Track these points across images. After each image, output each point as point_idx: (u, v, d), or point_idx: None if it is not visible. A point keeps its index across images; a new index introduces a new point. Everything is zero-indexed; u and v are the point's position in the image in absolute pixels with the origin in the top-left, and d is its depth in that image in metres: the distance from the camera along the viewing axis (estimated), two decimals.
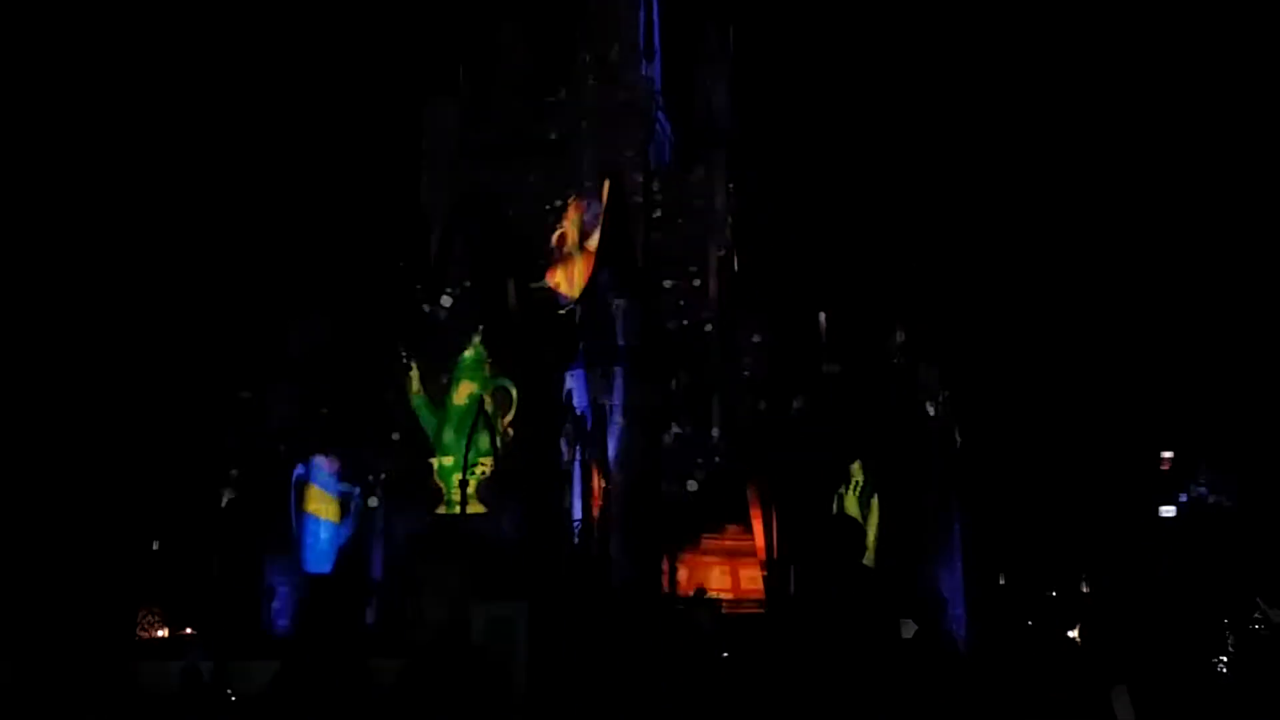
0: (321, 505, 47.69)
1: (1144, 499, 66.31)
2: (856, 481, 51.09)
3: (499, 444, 45.74)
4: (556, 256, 53.61)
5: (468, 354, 47.15)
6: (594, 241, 52.00)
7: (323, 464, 47.34)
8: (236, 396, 52.86)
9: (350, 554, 47.50)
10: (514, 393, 47.29)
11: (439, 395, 47.44)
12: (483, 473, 46.04)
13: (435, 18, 58.61)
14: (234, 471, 51.80)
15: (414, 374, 47.29)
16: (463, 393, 46.83)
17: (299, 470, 47.76)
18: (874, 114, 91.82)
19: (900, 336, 58.44)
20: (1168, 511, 62.89)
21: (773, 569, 47.86)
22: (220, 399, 53.79)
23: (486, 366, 47.14)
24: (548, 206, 54.38)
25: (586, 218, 52.95)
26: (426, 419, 47.22)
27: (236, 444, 52.33)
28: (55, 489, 58.44)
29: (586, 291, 50.37)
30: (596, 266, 50.70)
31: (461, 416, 46.39)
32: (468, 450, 44.81)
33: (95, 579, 51.12)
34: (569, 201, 53.58)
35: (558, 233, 53.92)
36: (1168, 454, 65.18)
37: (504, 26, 57.97)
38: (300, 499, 47.47)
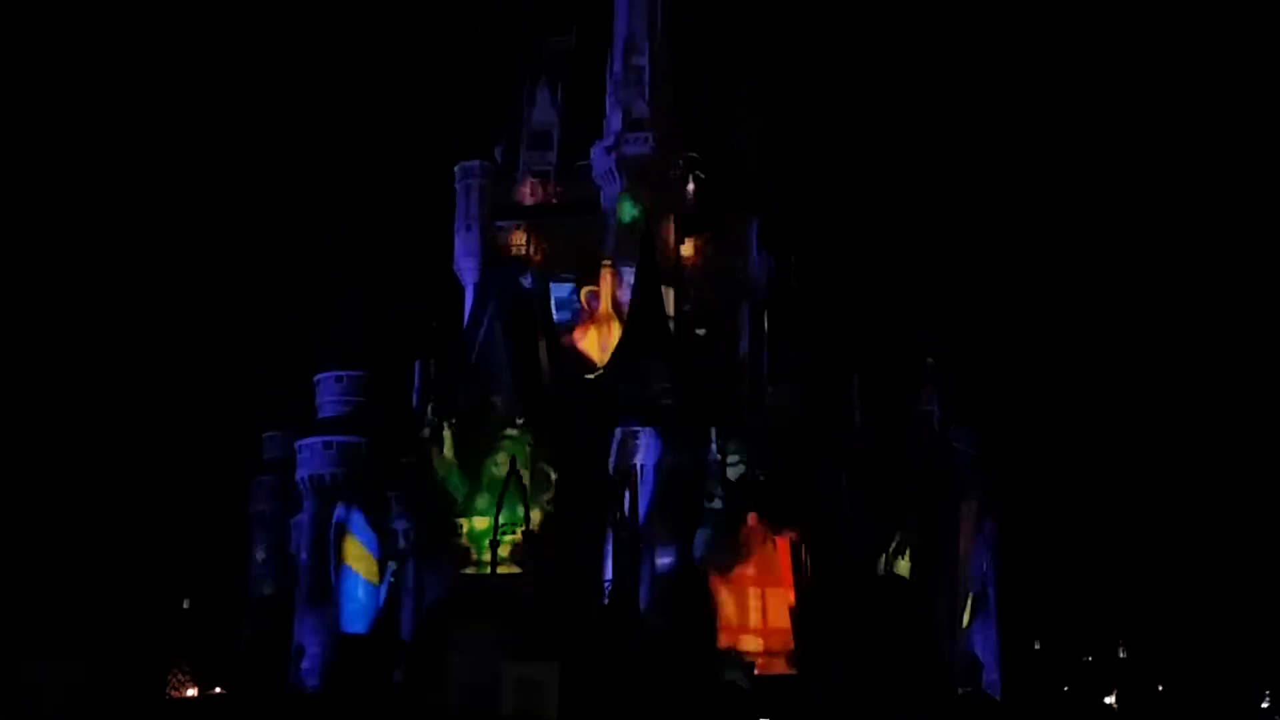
0: (361, 563, 47.51)
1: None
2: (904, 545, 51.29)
3: (533, 513, 45.58)
4: (586, 316, 53.51)
5: (512, 432, 47.25)
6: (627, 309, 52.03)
7: (362, 519, 47.12)
8: (264, 456, 52.94)
9: (383, 615, 47.31)
10: (553, 476, 47.21)
11: (471, 460, 47.43)
12: (513, 536, 45.95)
13: (466, 81, 58.99)
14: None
15: (448, 435, 47.21)
16: (503, 462, 46.87)
17: (339, 513, 47.50)
18: (909, 174, 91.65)
19: (934, 398, 58.20)
20: None
21: (804, 621, 47.43)
22: (249, 457, 53.86)
23: (528, 449, 46.99)
24: (578, 265, 54.46)
25: (620, 285, 53.02)
26: (455, 484, 47.08)
27: (267, 508, 52.41)
28: (88, 547, 58.40)
29: (618, 353, 50.22)
30: (628, 327, 50.55)
31: (496, 485, 46.31)
32: (499, 511, 44.73)
33: (126, 636, 50.92)
34: (602, 265, 53.57)
35: (586, 290, 53.82)
36: None
37: (533, 89, 58.36)
38: (340, 548, 47.35)
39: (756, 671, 45.20)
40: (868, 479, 53.33)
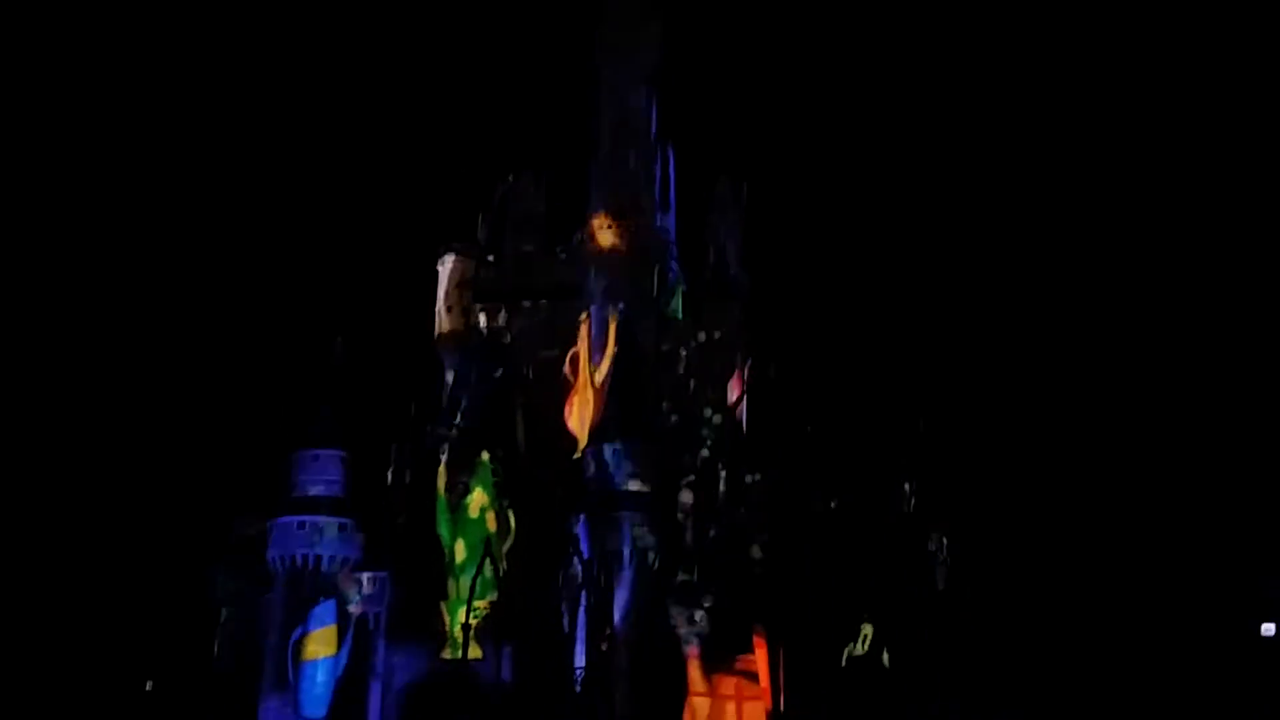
0: (320, 645, 46.86)
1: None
2: (865, 636, 50.59)
3: (500, 573, 45.65)
4: (573, 378, 53.23)
5: (483, 459, 47.66)
6: (600, 375, 51.92)
7: (325, 611, 46.54)
8: (235, 534, 52.28)
9: (347, 699, 46.51)
10: (513, 522, 47.19)
11: (455, 500, 47.82)
12: (485, 612, 45.68)
13: (453, 165, 59.76)
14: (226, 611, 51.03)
15: (442, 469, 47.78)
16: (476, 503, 47.24)
17: (297, 633, 47.08)
18: (885, 263, 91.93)
19: (910, 488, 58.01)
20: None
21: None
22: (219, 536, 53.17)
23: (494, 484, 47.28)
24: (559, 349, 54.54)
25: (595, 350, 52.96)
26: (444, 521, 47.38)
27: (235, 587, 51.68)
28: (51, 624, 57.69)
29: (594, 435, 50.06)
30: (605, 410, 50.34)
31: (473, 533, 46.80)
32: (472, 592, 44.62)
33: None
34: (581, 320, 53.47)
35: (572, 351, 53.77)
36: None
37: (519, 174, 59.00)
38: (299, 653, 47.03)
39: None
40: (839, 568, 53.14)
